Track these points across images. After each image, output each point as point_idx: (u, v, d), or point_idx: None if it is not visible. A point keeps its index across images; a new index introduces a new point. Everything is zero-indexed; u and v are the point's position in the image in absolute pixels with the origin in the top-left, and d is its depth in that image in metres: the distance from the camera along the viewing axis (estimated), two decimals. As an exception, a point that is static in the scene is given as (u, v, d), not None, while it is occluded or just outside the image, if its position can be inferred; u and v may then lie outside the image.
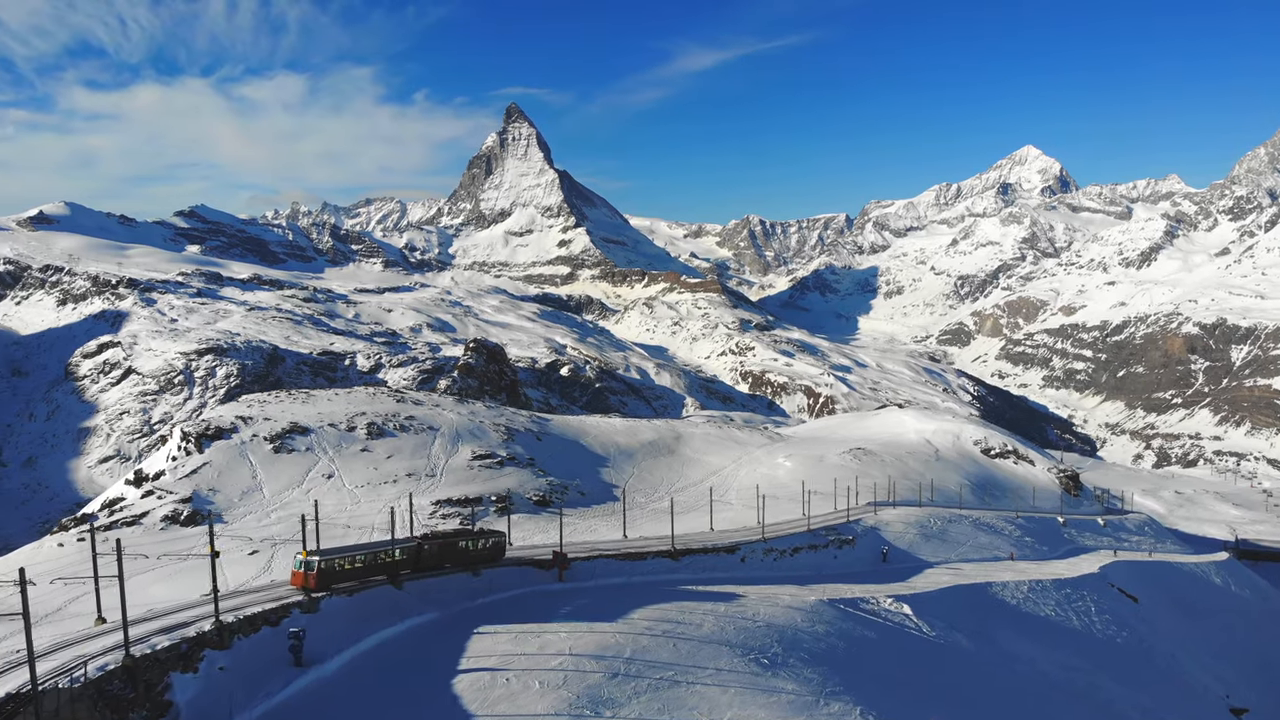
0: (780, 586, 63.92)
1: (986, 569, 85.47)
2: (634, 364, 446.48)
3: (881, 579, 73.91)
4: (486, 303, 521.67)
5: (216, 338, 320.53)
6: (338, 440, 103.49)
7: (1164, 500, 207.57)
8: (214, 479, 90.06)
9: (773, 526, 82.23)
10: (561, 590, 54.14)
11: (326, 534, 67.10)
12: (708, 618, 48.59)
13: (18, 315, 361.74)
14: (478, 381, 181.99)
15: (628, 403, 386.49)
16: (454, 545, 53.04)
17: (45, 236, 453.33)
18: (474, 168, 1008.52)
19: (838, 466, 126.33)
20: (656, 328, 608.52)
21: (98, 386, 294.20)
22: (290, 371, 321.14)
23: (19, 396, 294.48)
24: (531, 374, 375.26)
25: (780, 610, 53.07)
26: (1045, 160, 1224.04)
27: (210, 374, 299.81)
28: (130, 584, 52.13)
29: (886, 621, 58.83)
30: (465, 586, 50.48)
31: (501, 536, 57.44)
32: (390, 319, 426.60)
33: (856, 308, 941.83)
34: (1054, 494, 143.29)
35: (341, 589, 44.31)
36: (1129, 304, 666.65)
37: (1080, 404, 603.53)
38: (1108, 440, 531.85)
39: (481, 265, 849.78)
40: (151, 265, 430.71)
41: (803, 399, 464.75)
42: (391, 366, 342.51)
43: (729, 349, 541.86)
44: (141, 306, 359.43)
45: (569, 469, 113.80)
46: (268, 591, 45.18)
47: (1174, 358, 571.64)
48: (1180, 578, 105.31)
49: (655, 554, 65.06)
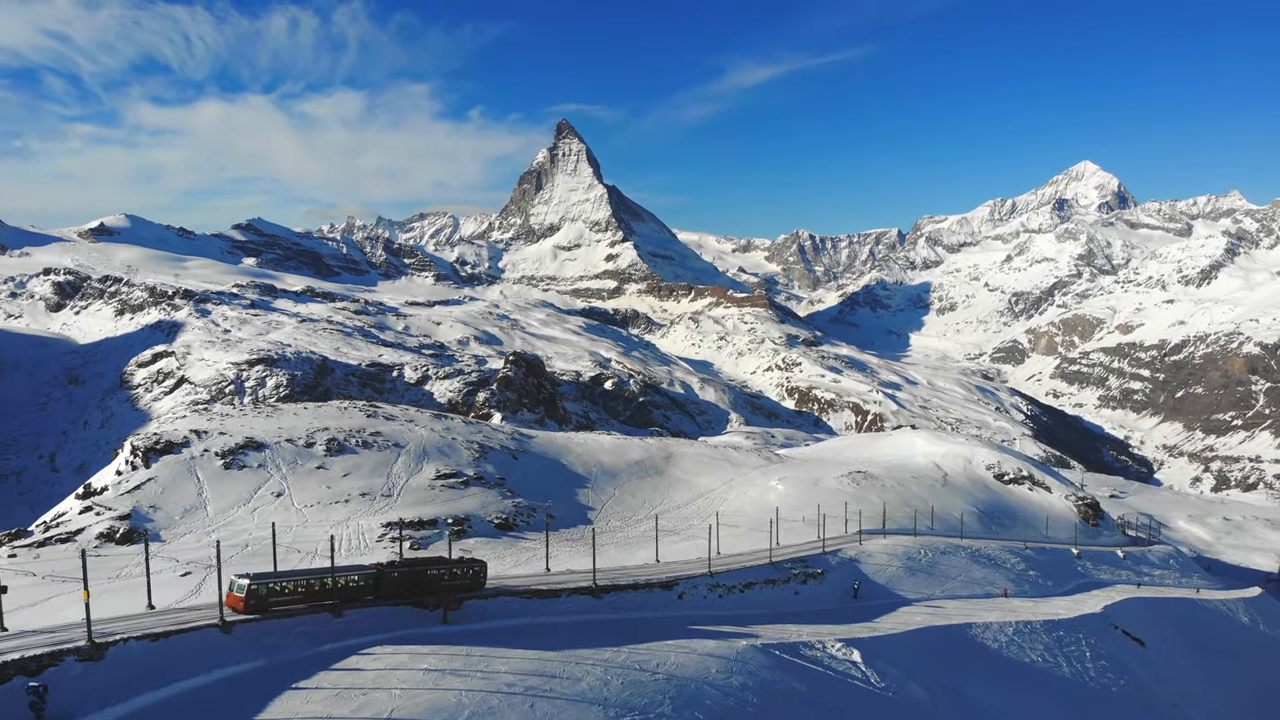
0: (719, 627, 57.90)
1: (972, 607, 78.52)
2: (678, 378, 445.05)
3: (843, 619, 67.41)
4: (533, 316, 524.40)
5: (268, 348, 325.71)
6: (294, 457, 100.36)
7: (1210, 527, 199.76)
8: (157, 495, 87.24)
9: (732, 558, 75.79)
10: (441, 634, 46.73)
11: (266, 557, 64.45)
12: (594, 670, 42.05)
13: (77, 324, 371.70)
14: (516, 394, 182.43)
15: (671, 417, 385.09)
16: (422, 573, 49.97)
17: (106, 248, 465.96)
18: (525, 183, 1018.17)
19: (833, 490, 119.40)
20: (702, 342, 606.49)
21: (151, 395, 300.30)
22: (339, 382, 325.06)
23: (75, 404, 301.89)
24: (575, 387, 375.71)
25: (694, 659, 46.64)
26: (1103, 176, 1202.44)
27: (260, 384, 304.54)
28: (50, 605, 52.16)
29: (826, 671, 52.35)
30: (325, 629, 44.05)
31: (481, 565, 54.26)
32: (439, 332, 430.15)
33: (908, 324, 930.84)
34: (1071, 523, 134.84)
35: (280, 615, 42.73)
36: (1188, 323, 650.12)
37: (1137, 425, 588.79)
38: (1165, 462, 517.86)
39: (530, 279, 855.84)
40: (208, 277, 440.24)
41: (850, 416, 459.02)
42: (438, 378, 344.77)
43: (775, 364, 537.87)
44: (196, 317, 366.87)
45: (543, 490, 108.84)
46: (137, 619, 41.59)
47: (1234, 378, 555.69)
48: (1202, 616, 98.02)
49: (572, 591, 57.63)
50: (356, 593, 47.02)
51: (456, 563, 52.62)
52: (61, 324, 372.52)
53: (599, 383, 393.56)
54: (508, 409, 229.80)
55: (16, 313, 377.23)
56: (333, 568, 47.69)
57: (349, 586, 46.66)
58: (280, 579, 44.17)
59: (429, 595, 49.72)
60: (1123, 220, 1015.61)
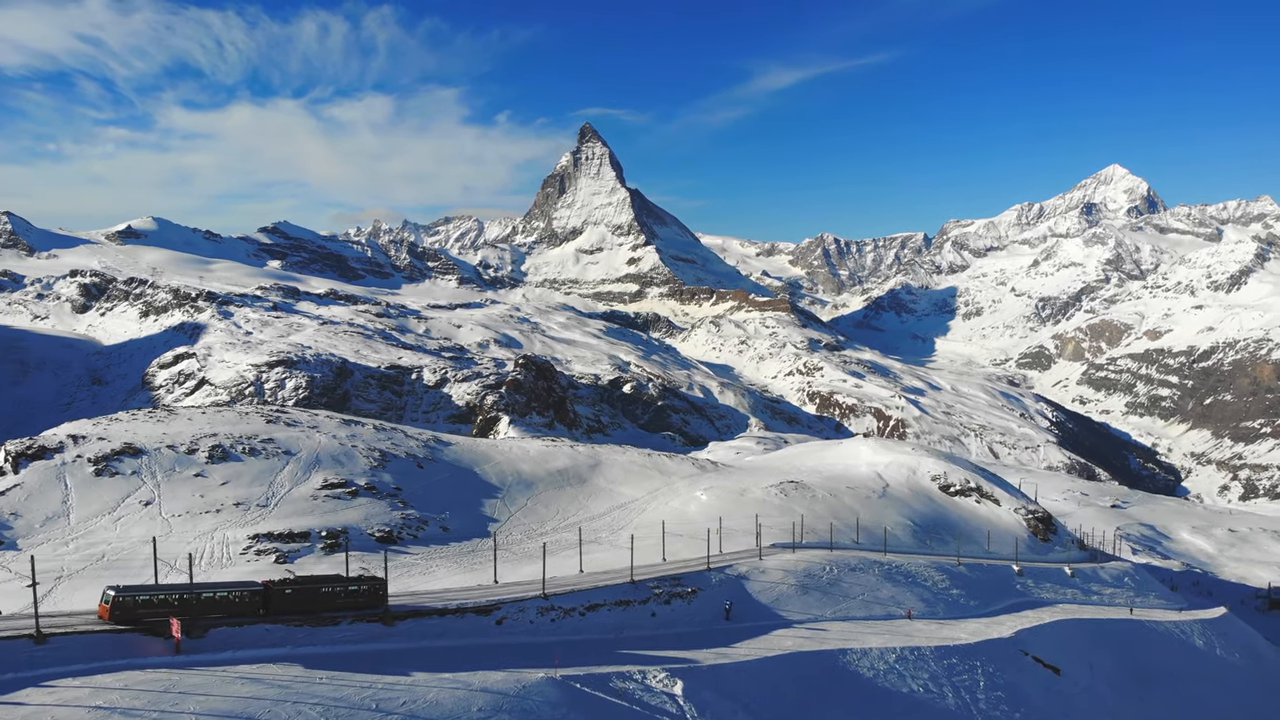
0: (532, 657, 51.37)
1: (860, 630, 71.17)
2: (698, 382, 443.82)
3: (699, 644, 60.68)
4: (554, 319, 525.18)
5: (288, 350, 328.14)
6: (172, 464, 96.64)
7: (1214, 539, 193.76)
8: (20, 502, 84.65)
9: (594, 575, 69.96)
10: (166, 664, 41.07)
11: (121, 569, 63.30)
12: (309, 711, 36.08)
13: (102, 326, 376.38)
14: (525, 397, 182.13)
15: (690, 421, 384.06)
16: (314, 590, 49.19)
17: (133, 250, 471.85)
18: (548, 187, 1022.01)
19: (759, 502, 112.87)
20: (723, 346, 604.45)
21: (172, 396, 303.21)
22: (358, 384, 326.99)
23: (98, 404, 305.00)
24: (594, 390, 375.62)
25: (459, 695, 40.60)
26: (1132, 180, 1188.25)
27: (280, 386, 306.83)
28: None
29: (632, 706, 46.01)
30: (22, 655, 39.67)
31: (380, 583, 52.88)
32: (459, 334, 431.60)
33: (933, 329, 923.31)
34: (1018, 537, 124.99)
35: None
36: (1217, 329, 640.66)
37: (1164, 432, 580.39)
38: (1192, 470, 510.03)
39: (552, 283, 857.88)
40: (232, 279, 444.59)
41: (872, 421, 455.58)
42: (456, 381, 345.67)
43: (796, 369, 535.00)
44: (219, 319, 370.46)
45: (444, 501, 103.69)
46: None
47: (1264, 385, 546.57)
48: (1148, 640, 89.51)
49: (356, 618, 51.45)
50: (241, 609, 46.29)
51: (353, 580, 51.64)
52: (87, 325, 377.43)
53: (617, 386, 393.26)
54: (516, 412, 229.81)
55: (43, 314, 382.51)
56: (216, 584, 47.54)
57: (232, 601, 45.92)
58: (154, 591, 43.86)
59: (322, 613, 48.97)
60: (1151, 225, 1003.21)
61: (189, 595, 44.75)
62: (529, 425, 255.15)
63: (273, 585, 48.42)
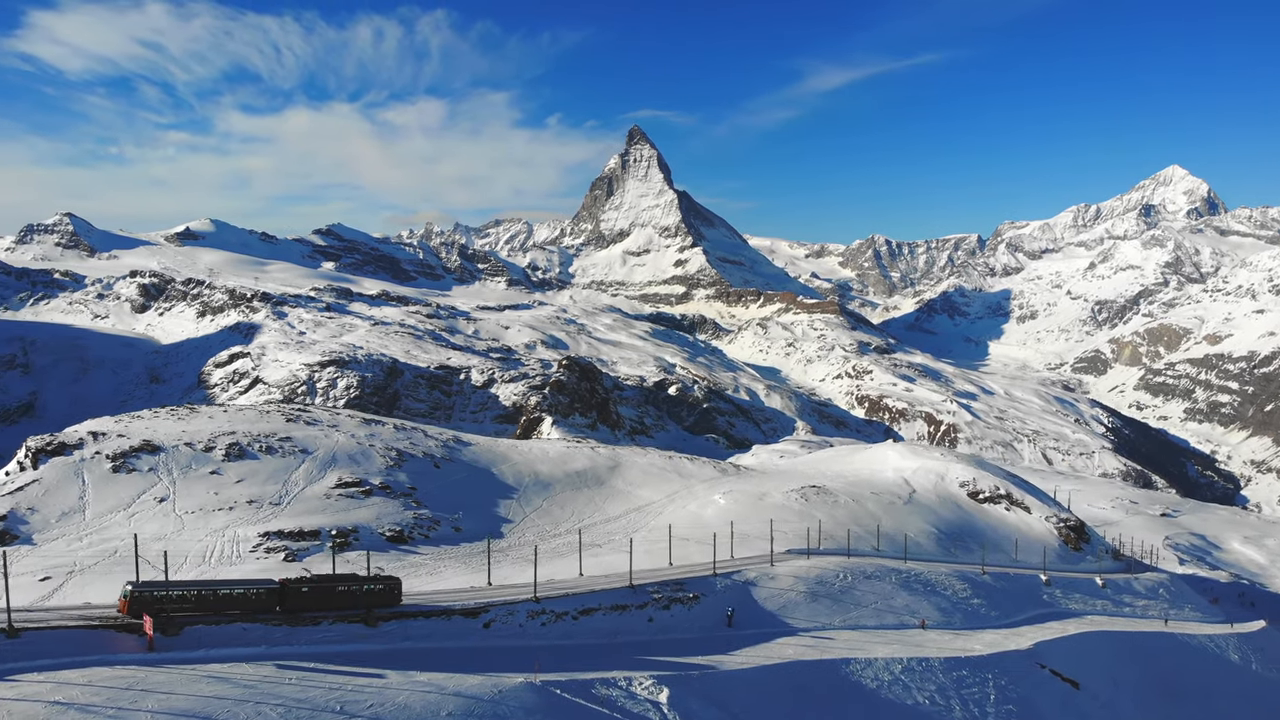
0: (517, 661, 49.86)
1: (868, 639, 68.77)
2: (744, 385, 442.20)
3: (696, 650, 58.95)
4: (600, 321, 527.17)
5: (340, 350, 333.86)
6: (189, 461, 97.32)
7: (1267, 550, 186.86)
8: (38, 497, 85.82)
9: (593, 579, 68.47)
10: (138, 661, 40.74)
11: (133, 565, 62.66)
12: (270, 712, 35.40)
13: (160, 325, 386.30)
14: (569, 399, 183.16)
15: (735, 424, 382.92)
16: (330, 589, 49.68)
17: (191, 252, 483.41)
18: (596, 189, 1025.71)
19: (778, 506, 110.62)
20: (770, 349, 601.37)
21: (227, 395, 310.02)
22: (408, 384, 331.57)
23: (155, 402, 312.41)
24: (639, 392, 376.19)
25: (430, 699, 39.52)
26: (1192, 181, 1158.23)
27: (331, 385, 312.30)
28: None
29: (615, 714, 44.87)
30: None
31: (395, 582, 53.28)
32: (507, 335, 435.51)
33: (987, 332, 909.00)
34: (1048, 546, 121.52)
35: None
36: (1279, 333, 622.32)
37: (1224, 439, 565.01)
38: (1253, 478, 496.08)
39: (599, 284, 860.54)
40: (287, 280, 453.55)
41: (922, 426, 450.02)
42: (503, 381, 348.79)
43: (845, 372, 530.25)
44: (273, 319, 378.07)
45: (458, 501, 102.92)
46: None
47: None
48: (1179, 654, 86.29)
49: (338, 619, 50.57)
50: (258, 605, 47.00)
51: (369, 579, 52.05)
52: (145, 325, 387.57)
53: (663, 388, 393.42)
54: (560, 412, 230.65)
55: (104, 313, 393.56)
56: (233, 580, 48.50)
57: (249, 598, 46.68)
58: (171, 587, 44.82)
59: (337, 611, 49.44)
60: (1212, 227, 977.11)
61: (205, 591, 45.57)
62: (572, 426, 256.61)
63: (289, 583, 48.93)
